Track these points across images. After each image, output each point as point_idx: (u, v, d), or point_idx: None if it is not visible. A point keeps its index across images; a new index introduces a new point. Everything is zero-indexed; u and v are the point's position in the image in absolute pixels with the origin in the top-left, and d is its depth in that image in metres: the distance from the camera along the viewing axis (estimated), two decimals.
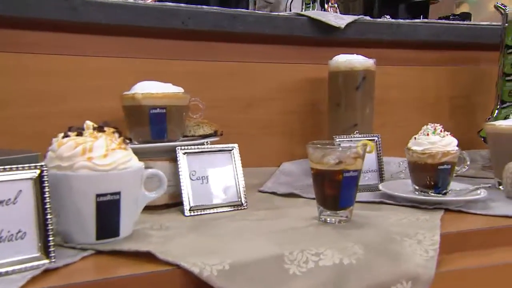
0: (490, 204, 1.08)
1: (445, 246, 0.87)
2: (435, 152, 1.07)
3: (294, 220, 0.95)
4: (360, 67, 1.30)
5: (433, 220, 0.94)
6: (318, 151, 0.93)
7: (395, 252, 0.81)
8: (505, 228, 0.94)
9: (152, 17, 1.25)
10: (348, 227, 0.91)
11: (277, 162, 1.43)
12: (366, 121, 1.35)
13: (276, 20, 1.40)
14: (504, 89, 1.50)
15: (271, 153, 1.45)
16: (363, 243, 0.81)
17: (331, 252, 0.78)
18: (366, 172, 1.24)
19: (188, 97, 1.11)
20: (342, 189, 0.92)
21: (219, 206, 1.02)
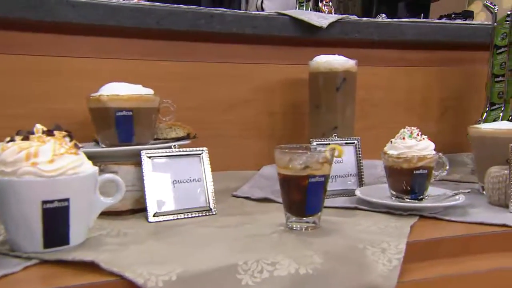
0: (469, 210, 1.04)
1: (414, 254, 0.84)
2: (411, 157, 1.03)
3: (260, 227, 0.92)
4: (340, 68, 1.27)
5: (403, 228, 0.90)
6: (285, 155, 0.90)
7: (356, 261, 0.77)
8: (479, 235, 0.90)
9: (125, 17, 1.23)
10: (313, 235, 0.87)
11: (258, 165, 1.40)
12: (347, 123, 1.31)
13: (256, 20, 1.37)
14: (494, 90, 1.46)
15: (252, 156, 1.41)
16: (323, 252, 0.78)
17: (288, 262, 0.74)
18: (347, 176, 1.21)
19: (157, 99, 1.08)
20: (308, 195, 0.89)
21: (186, 211, 0.99)
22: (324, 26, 1.39)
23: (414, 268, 0.83)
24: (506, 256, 0.89)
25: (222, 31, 1.34)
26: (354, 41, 1.50)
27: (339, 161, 1.20)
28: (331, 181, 1.17)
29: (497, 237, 0.91)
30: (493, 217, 0.98)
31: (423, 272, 0.83)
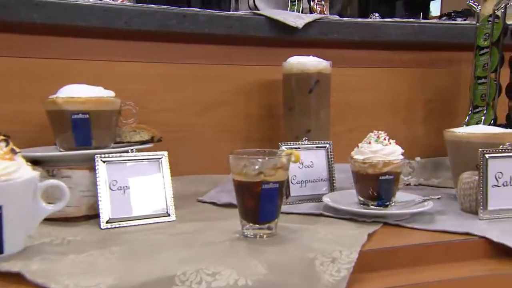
0: (437, 217, 1.01)
1: (368, 263, 0.81)
2: (376, 162, 1.00)
3: (216, 234, 0.89)
4: (313, 70, 1.23)
5: (361, 236, 0.86)
6: (239, 161, 0.87)
7: (302, 272, 0.74)
8: (437, 244, 0.87)
9: (93, 17, 1.20)
10: (266, 243, 0.84)
11: None
12: (322, 126, 1.28)
13: (230, 20, 1.34)
14: (476, 92, 1.42)
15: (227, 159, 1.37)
16: (269, 262, 0.75)
17: (230, 272, 0.71)
18: (318, 181, 1.17)
19: (118, 101, 1.06)
20: (261, 202, 0.86)
21: (142, 218, 0.96)
22: (299, 27, 1.35)
23: (367, 278, 0.80)
24: (466, 265, 0.85)
25: (194, 32, 1.30)
26: (334, 41, 1.47)
27: (309, 165, 1.17)
28: (301, 186, 1.14)
29: (457, 246, 0.87)
30: (459, 225, 0.94)
31: (375, 282, 0.79)
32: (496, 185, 1.01)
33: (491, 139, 1.09)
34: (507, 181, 1.02)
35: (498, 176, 1.01)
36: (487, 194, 1.00)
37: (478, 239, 0.89)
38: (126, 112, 1.11)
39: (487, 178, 1.00)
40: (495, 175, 1.01)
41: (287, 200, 1.13)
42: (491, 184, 1.01)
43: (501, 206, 1.01)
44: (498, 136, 1.09)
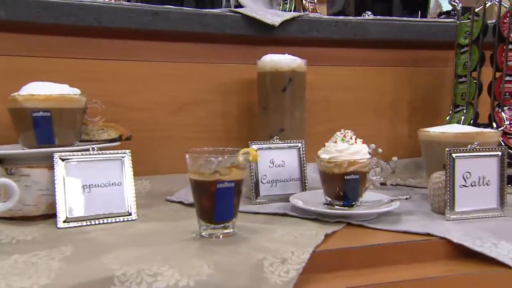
0: (404, 218, 0.99)
1: (323, 264, 0.80)
2: (341, 161, 0.98)
3: (172, 235, 0.88)
4: (286, 68, 1.22)
5: (318, 236, 0.85)
6: (195, 160, 0.85)
7: (248, 273, 0.72)
8: (397, 245, 0.85)
9: (61, 13, 1.19)
10: (220, 243, 0.83)
11: None
12: (296, 126, 1.26)
13: (206, 17, 1.33)
14: (457, 91, 1.40)
15: None
16: (216, 262, 0.73)
17: (172, 272, 0.70)
18: (289, 181, 1.16)
19: (83, 99, 1.05)
20: (216, 201, 0.84)
21: (101, 217, 0.95)
22: (275, 24, 1.34)
23: (319, 279, 0.78)
24: (425, 266, 0.83)
25: (168, 29, 1.29)
26: (314, 39, 1.45)
27: (280, 165, 1.15)
28: (271, 185, 1.13)
29: (417, 246, 0.85)
30: (423, 225, 0.92)
31: (328, 283, 0.77)
32: (464, 185, 0.99)
33: (462, 138, 1.07)
34: (475, 181, 0.99)
35: (466, 176, 0.99)
36: (454, 195, 0.98)
37: (439, 240, 0.87)
38: (93, 110, 1.09)
39: (454, 178, 0.98)
40: (463, 175, 0.99)
41: (256, 200, 1.11)
42: (458, 184, 0.98)
43: (469, 206, 0.99)
44: (468, 136, 1.07)
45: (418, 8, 2.76)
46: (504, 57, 1.29)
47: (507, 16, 1.28)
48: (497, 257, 0.82)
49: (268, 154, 1.14)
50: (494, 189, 1.01)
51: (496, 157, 1.01)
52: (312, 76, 1.43)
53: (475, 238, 0.86)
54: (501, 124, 1.28)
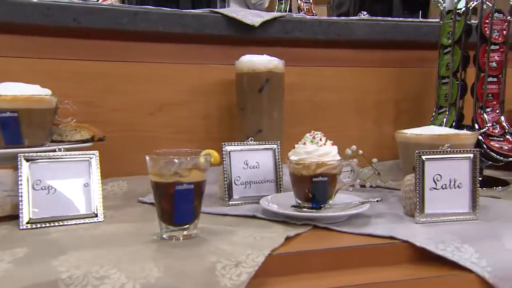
0: (373, 220, 0.98)
1: (280, 267, 0.80)
2: (309, 163, 0.97)
3: (133, 237, 0.88)
4: (263, 69, 1.21)
5: (279, 238, 0.84)
6: (156, 162, 0.85)
7: (199, 276, 0.72)
8: (358, 248, 0.84)
9: (38, 14, 1.19)
10: (177, 246, 0.83)
11: None
12: (274, 127, 1.25)
13: (185, 18, 1.32)
14: (440, 92, 1.38)
15: None
16: (167, 265, 0.72)
17: (119, 276, 0.69)
18: (264, 182, 1.15)
19: (53, 100, 1.05)
20: (175, 203, 0.84)
21: (66, 219, 0.95)
22: (255, 25, 1.33)
23: (274, 282, 0.77)
24: (385, 270, 0.82)
25: (147, 30, 1.29)
26: (297, 40, 1.44)
27: (255, 166, 1.15)
28: (245, 187, 1.12)
29: (379, 250, 0.84)
30: (390, 228, 0.91)
31: (282, 287, 0.76)
32: (434, 188, 0.97)
33: (437, 140, 1.06)
34: (446, 184, 0.98)
35: (437, 179, 0.97)
36: (424, 197, 0.96)
37: (402, 244, 0.85)
38: (64, 111, 1.09)
39: (423, 181, 0.96)
40: (433, 178, 0.97)
41: (229, 201, 1.10)
42: (428, 186, 0.97)
43: (440, 209, 0.97)
44: (443, 137, 1.06)
45: (419, 8, 2.72)
46: (486, 58, 1.26)
47: (489, 16, 1.25)
48: (459, 260, 0.81)
49: (242, 155, 1.13)
50: (466, 192, 0.99)
51: (468, 159, 0.99)
52: (295, 76, 1.43)
53: (439, 242, 0.85)
54: (483, 126, 1.27)
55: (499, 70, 1.28)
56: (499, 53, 1.28)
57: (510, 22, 1.27)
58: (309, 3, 2.07)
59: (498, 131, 1.29)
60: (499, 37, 1.27)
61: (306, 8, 2.08)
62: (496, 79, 1.29)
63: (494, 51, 1.27)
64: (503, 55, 1.28)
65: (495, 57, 1.28)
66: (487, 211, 1.05)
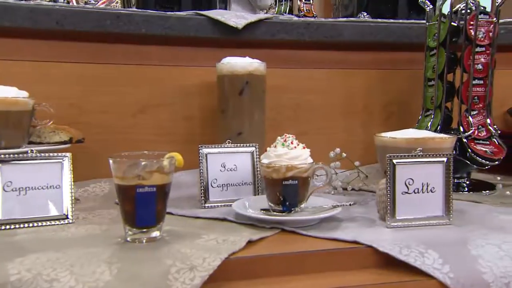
0: (344, 224, 0.97)
1: (237, 271, 0.79)
2: (279, 166, 0.96)
3: (99, 239, 0.88)
4: (242, 71, 1.21)
5: (239, 242, 0.84)
6: (119, 165, 0.85)
7: (151, 280, 0.72)
8: (320, 252, 0.83)
9: (22, 17, 1.20)
10: (138, 248, 0.83)
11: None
12: (255, 129, 1.25)
13: (168, 20, 1.32)
14: (427, 95, 1.36)
15: None
16: (120, 268, 0.73)
17: (69, 279, 0.70)
18: (242, 185, 1.15)
19: (29, 102, 1.06)
20: (137, 206, 0.84)
21: (36, 220, 0.96)
22: (239, 27, 1.33)
23: (232, 287, 0.77)
24: (347, 274, 0.81)
25: (130, 32, 1.29)
26: (283, 42, 1.43)
27: (232, 169, 1.15)
28: (222, 189, 1.12)
29: (342, 254, 0.84)
30: (358, 233, 0.90)
31: None
32: (406, 192, 0.96)
33: (413, 144, 1.04)
34: (418, 188, 0.97)
35: (409, 183, 0.96)
36: (395, 202, 0.95)
37: (366, 248, 0.84)
38: (42, 113, 1.10)
39: (394, 185, 0.95)
40: (405, 182, 0.96)
41: (205, 204, 1.10)
42: (400, 191, 0.96)
43: (412, 214, 0.96)
44: (419, 141, 1.04)
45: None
46: (471, 60, 1.25)
47: (474, 18, 1.23)
48: (420, 266, 0.80)
49: (219, 158, 1.14)
50: (439, 197, 0.98)
51: (441, 163, 0.97)
52: (282, 78, 1.43)
53: (403, 247, 0.84)
54: (468, 129, 1.25)
55: (485, 72, 1.26)
56: (485, 55, 1.26)
57: (496, 24, 1.24)
58: (309, 4, 2.06)
59: (484, 135, 1.26)
60: (484, 39, 1.25)
61: (306, 9, 2.07)
62: (482, 81, 1.27)
63: (479, 53, 1.26)
64: (489, 57, 1.25)
65: (481, 59, 1.26)
66: (464, 215, 1.04)
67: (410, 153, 0.97)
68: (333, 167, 1.26)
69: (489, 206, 1.12)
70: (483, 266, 0.82)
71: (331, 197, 1.17)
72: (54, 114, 1.11)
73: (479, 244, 0.87)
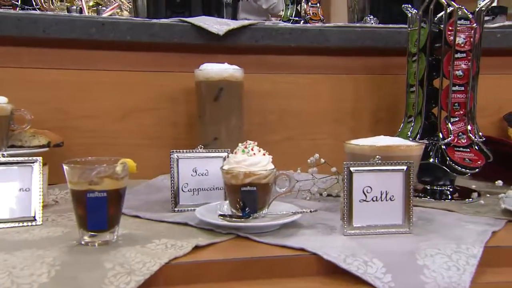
0: (301, 231, 0.98)
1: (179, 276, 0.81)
2: (237, 173, 0.98)
3: (56, 241, 0.91)
4: (217, 77, 1.23)
5: (185, 247, 0.85)
6: (71, 170, 0.88)
7: (87, 283, 0.74)
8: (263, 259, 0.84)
9: (10, 25, 1.25)
10: (87, 252, 0.86)
11: (158, 175, 1.38)
12: (231, 134, 1.27)
13: (153, 27, 1.36)
14: (409, 101, 1.35)
15: (152, 166, 1.38)
16: (61, 271, 0.76)
17: (5, 280, 0.73)
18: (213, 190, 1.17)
19: (7, 107, 1.10)
20: (89, 211, 0.87)
21: (4, 221, 1.00)
22: (220, 33, 1.35)
23: None
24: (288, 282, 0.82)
25: (115, 40, 1.33)
26: (269, 47, 1.45)
27: (204, 173, 1.16)
28: (192, 194, 1.14)
29: (286, 261, 0.85)
30: (310, 240, 0.90)
31: None
32: (364, 200, 0.96)
33: (377, 151, 1.04)
34: (377, 196, 0.96)
35: (367, 191, 0.96)
36: (352, 209, 0.95)
37: (311, 256, 0.85)
38: (20, 118, 1.14)
39: (351, 193, 0.95)
40: (363, 190, 0.96)
41: (175, 208, 1.12)
42: (357, 199, 0.96)
43: (369, 222, 0.96)
44: (382, 149, 1.04)
45: (439, 13, 2.64)
46: (451, 66, 1.23)
47: (453, 23, 1.22)
48: (362, 275, 0.80)
49: (190, 162, 1.15)
50: (398, 205, 0.97)
51: (401, 172, 0.97)
52: (267, 84, 1.44)
53: (349, 255, 0.84)
54: (447, 136, 1.23)
55: (466, 78, 1.24)
56: (465, 61, 1.24)
57: (477, 29, 1.23)
58: (316, 7, 2.06)
59: (465, 142, 1.25)
60: (465, 45, 1.23)
61: (312, 13, 2.08)
62: (463, 87, 1.25)
63: (460, 59, 1.24)
64: (470, 63, 1.24)
65: (461, 65, 1.24)
66: (429, 224, 1.03)
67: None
68: (310, 172, 1.27)
69: (461, 215, 1.10)
70: (427, 276, 0.82)
71: (304, 203, 1.18)
72: (31, 119, 1.15)
73: (428, 253, 0.86)
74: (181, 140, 1.40)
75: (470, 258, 0.86)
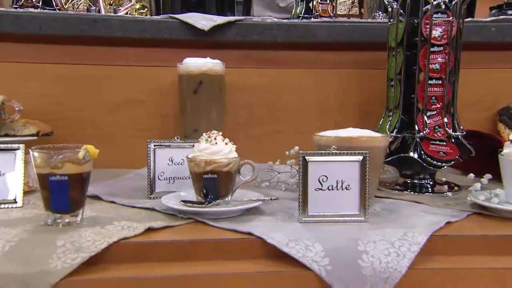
0: (258, 217, 1.02)
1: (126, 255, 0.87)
2: (199, 161, 1.02)
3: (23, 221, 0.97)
4: (196, 71, 1.28)
5: (138, 229, 0.91)
6: (39, 154, 0.95)
7: (34, 258, 0.80)
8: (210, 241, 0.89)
9: (8, 22, 1.34)
10: (49, 231, 0.91)
11: None
12: (212, 126, 1.29)
13: (143, 24, 1.42)
14: (389, 95, 1.37)
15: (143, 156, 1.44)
16: (12, 247, 0.83)
17: None
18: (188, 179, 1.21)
19: None
20: (51, 193, 0.93)
21: None
22: (205, 29, 1.40)
23: (115, 268, 0.84)
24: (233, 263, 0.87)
25: (107, 36, 1.40)
26: (256, 43, 1.49)
27: (180, 163, 1.22)
28: (168, 182, 1.19)
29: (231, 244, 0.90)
30: (262, 226, 0.94)
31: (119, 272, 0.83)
32: (320, 189, 0.99)
33: (339, 142, 1.07)
34: (333, 185, 0.99)
35: (322, 180, 0.99)
36: (307, 198, 0.99)
37: (257, 240, 0.89)
38: (10, 108, 1.22)
39: (306, 182, 0.99)
40: (319, 179, 0.99)
41: (151, 195, 1.18)
42: (313, 187, 0.99)
43: (325, 210, 0.99)
44: (344, 140, 1.07)
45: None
46: (427, 59, 1.24)
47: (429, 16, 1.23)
48: (300, 258, 0.84)
49: (167, 152, 1.21)
50: (355, 194, 1.00)
51: (357, 162, 1.00)
52: (256, 78, 1.48)
53: (292, 240, 0.88)
54: (423, 130, 1.25)
55: (443, 72, 1.25)
56: (442, 54, 1.25)
57: (453, 23, 1.24)
58: (325, 4, 2.08)
59: (441, 135, 1.26)
60: (442, 38, 1.24)
61: (322, 9, 2.10)
62: (440, 81, 1.26)
63: (436, 53, 1.25)
64: (447, 57, 1.25)
65: (438, 58, 1.25)
66: (389, 215, 1.05)
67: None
68: (289, 164, 1.30)
69: (427, 207, 1.12)
70: (364, 261, 0.84)
71: (280, 193, 1.21)
72: (21, 109, 1.22)
73: (371, 240, 0.89)
74: (170, 131, 1.44)
75: (412, 245, 0.88)
